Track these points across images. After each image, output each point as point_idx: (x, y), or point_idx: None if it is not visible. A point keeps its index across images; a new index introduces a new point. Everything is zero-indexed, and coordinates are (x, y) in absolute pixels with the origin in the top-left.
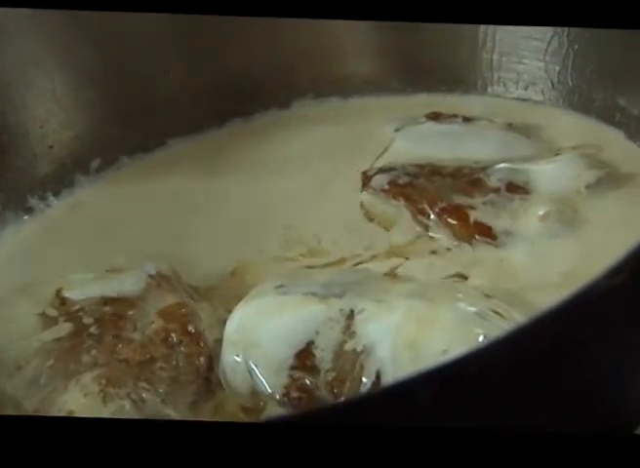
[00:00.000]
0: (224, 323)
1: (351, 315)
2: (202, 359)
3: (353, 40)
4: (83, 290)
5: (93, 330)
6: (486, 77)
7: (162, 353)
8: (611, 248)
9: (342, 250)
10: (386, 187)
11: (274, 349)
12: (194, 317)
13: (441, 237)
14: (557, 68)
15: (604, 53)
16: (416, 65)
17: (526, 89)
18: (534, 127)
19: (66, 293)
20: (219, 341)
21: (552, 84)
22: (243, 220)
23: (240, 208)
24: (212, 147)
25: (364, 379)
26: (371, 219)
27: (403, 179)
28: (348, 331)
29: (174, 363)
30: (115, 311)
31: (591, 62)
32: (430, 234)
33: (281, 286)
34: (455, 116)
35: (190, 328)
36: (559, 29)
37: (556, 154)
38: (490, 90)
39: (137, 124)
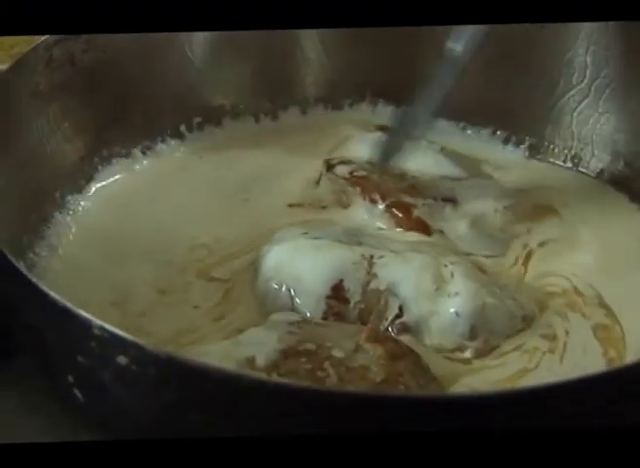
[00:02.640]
0: None
1: (371, 260)
2: None
3: None
4: None
5: None
6: None
7: None
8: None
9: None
10: (347, 176)
11: (313, 282)
12: None
13: (385, 224)
14: None
15: None
16: None
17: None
18: (464, 155)
19: None
20: None
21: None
22: None
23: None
24: None
25: (388, 312)
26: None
27: (360, 173)
28: (371, 272)
29: None
30: None
31: None
32: (377, 221)
33: (306, 233)
34: None
35: None
36: None
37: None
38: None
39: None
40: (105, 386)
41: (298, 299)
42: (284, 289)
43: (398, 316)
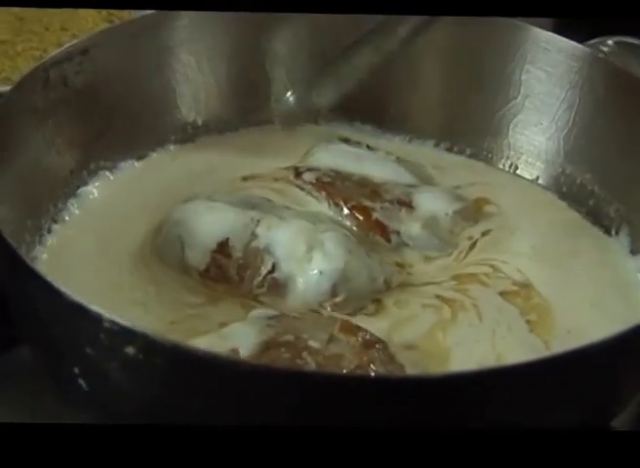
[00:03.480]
0: None
1: (258, 223)
2: None
3: None
4: None
5: None
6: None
7: None
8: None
9: None
10: (314, 181)
11: (202, 237)
12: None
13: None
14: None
15: None
16: None
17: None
18: (417, 164)
19: None
20: None
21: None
22: None
23: None
24: None
25: (262, 268)
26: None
27: (326, 179)
28: (255, 233)
29: None
30: None
31: None
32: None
33: (210, 196)
34: (359, 143)
35: None
36: None
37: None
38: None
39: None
40: (111, 375)
41: (187, 251)
42: (178, 240)
43: (270, 272)
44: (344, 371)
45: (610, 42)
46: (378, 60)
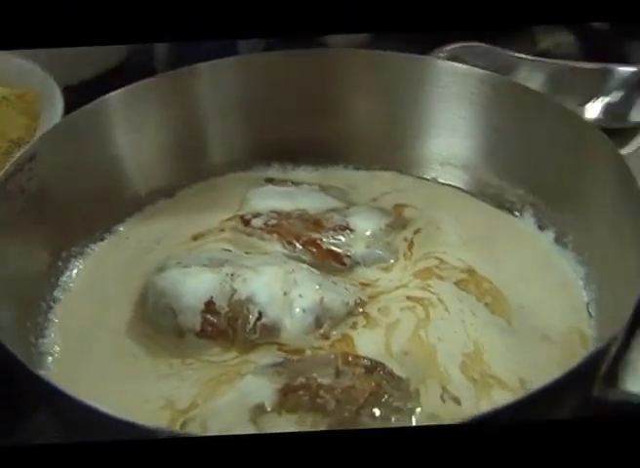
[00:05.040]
0: None
1: (232, 278)
2: None
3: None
4: None
5: None
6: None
7: None
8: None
9: None
10: (263, 226)
11: (189, 302)
12: None
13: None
14: None
15: None
16: None
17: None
18: (336, 187)
19: None
20: None
21: None
22: None
23: None
24: None
25: (250, 317)
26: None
27: (272, 222)
28: (233, 287)
29: None
30: None
31: None
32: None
33: (179, 263)
34: (285, 181)
35: None
36: None
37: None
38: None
39: None
40: None
41: (180, 316)
42: (168, 309)
43: (258, 319)
44: (361, 401)
45: (457, 46)
46: None
